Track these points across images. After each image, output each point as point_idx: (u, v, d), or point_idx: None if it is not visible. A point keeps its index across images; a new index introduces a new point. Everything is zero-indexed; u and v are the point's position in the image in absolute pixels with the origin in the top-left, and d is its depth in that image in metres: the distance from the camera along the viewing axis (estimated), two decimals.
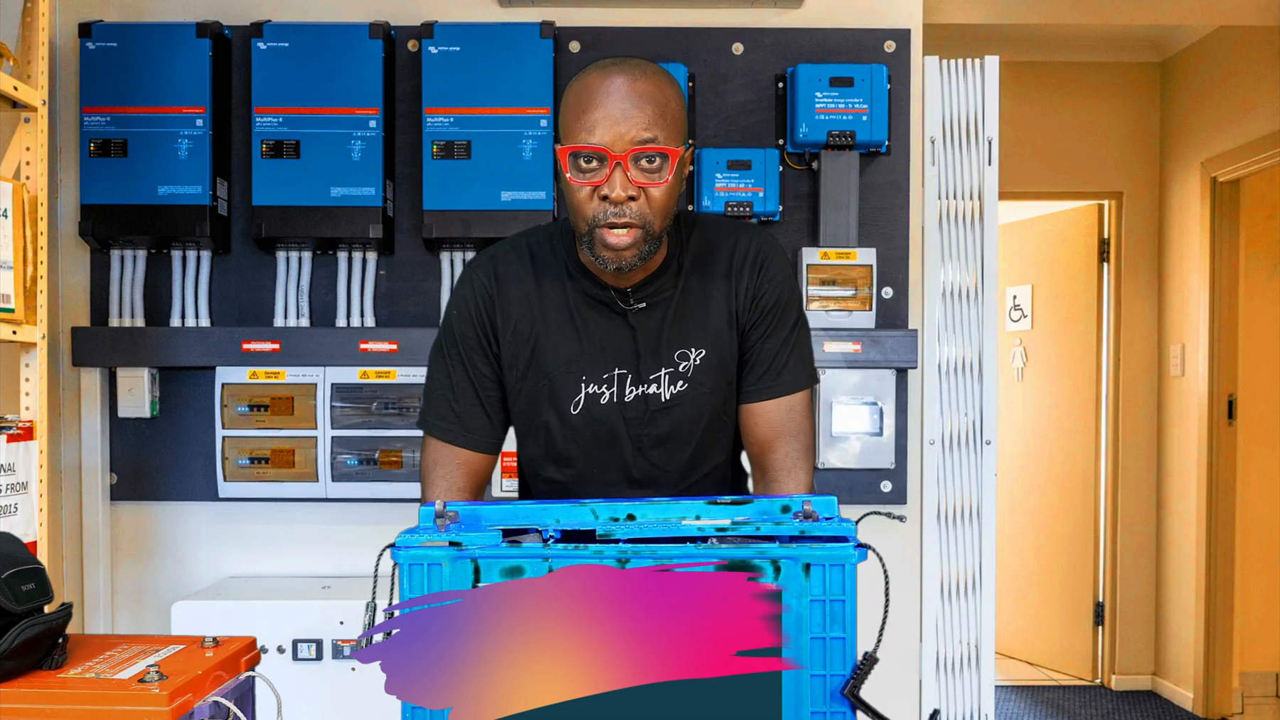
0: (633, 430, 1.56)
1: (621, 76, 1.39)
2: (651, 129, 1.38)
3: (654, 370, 1.54)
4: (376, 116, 2.62)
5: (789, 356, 1.57)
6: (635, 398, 1.54)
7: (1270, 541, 4.44)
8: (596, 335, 1.53)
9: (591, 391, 1.54)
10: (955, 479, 2.75)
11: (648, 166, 1.39)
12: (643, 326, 1.54)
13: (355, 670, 2.49)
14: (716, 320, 1.55)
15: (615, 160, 1.37)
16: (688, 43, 2.77)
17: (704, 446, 1.61)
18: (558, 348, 1.54)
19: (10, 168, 2.12)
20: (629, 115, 1.37)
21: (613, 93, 1.38)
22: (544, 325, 1.54)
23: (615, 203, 1.38)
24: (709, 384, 1.56)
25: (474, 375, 1.56)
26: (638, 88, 1.39)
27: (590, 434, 1.56)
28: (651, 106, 1.39)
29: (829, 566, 1.13)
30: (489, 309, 1.55)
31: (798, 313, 1.59)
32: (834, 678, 1.13)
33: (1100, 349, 4.79)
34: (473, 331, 1.55)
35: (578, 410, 1.55)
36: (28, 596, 1.42)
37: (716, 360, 1.56)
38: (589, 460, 1.58)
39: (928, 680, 2.74)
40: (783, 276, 1.57)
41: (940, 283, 2.76)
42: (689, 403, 1.55)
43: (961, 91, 2.74)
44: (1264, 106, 4.01)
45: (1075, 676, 4.90)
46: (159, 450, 2.78)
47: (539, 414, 1.57)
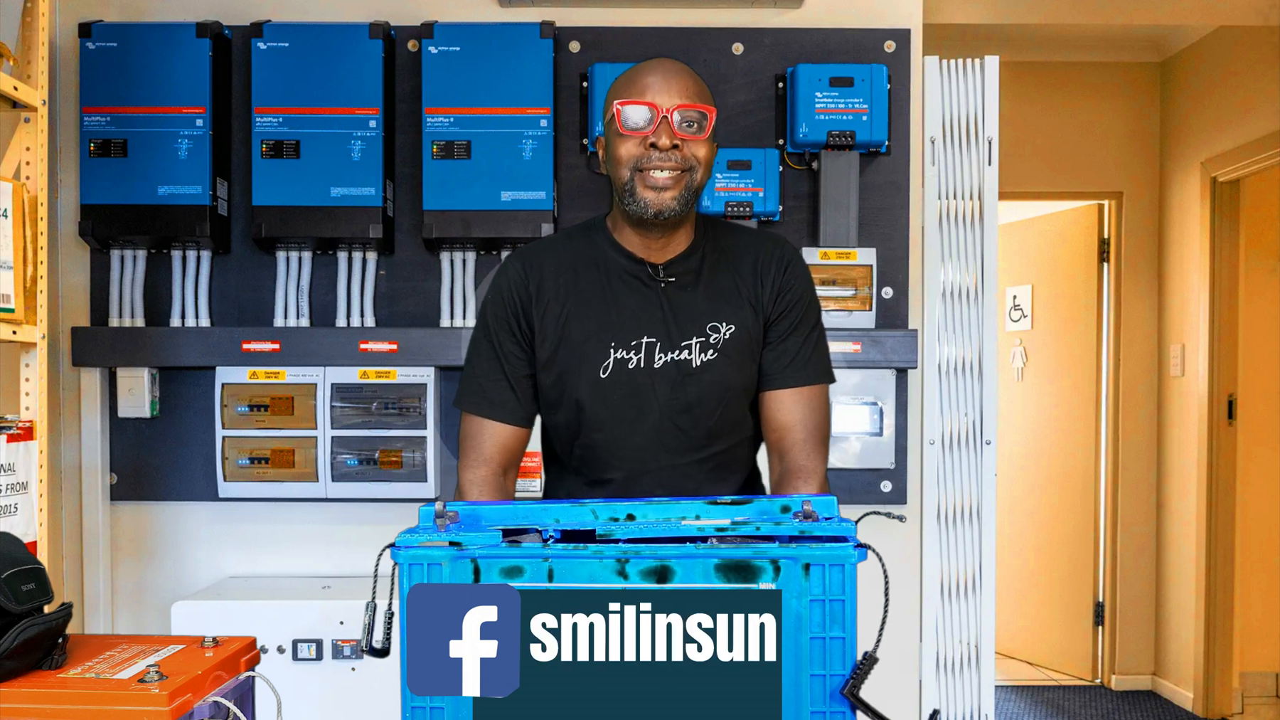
0: (661, 394, 1.66)
1: (661, 62, 1.64)
2: (691, 97, 1.60)
3: (685, 339, 1.66)
4: (376, 116, 2.62)
5: (811, 352, 1.70)
6: (665, 364, 1.66)
7: (1270, 541, 4.44)
8: (627, 305, 1.67)
9: (620, 357, 1.66)
10: (955, 479, 2.74)
11: (688, 126, 1.59)
12: (674, 299, 1.67)
13: (355, 670, 2.49)
14: (744, 307, 1.68)
15: (662, 114, 1.58)
16: (688, 43, 2.76)
17: (728, 417, 1.70)
18: (586, 319, 1.66)
19: (10, 168, 2.12)
20: (672, 83, 1.60)
21: (658, 67, 1.62)
22: (576, 300, 1.67)
23: (661, 149, 1.58)
24: (736, 358, 1.68)
25: (502, 354, 1.69)
26: (677, 66, 1.64)
27: (619, 397, 1.66)
28: (690, 79, 1.63)
29: (829, 566, 1.13)
30: (523, 294, 1.68)
31: (818, 316, 1.74)
32: (834, 678, 1.13)
33: (1100, 349, 4.79)
34: (504, 313, 1.68)
35: (607, 374, 1.66)
36: (28, 596, 1.42)
37: (744, 339, 1.68)
38: (618, 424, 1.67)
39: (928, 680, 2.74)
40: (807, 280, 1.73)
41: (940, 283, 2.76)
42: (717, 371, 1.67)
43: (961, 91, 2.74)
44: (1264, 106, 4.01)
45: (1075, 676, 4.90)
46: (159, 450, 2.78)
47: (569, 383, 1.67)
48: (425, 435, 2.66)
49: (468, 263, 2.74)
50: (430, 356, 2.64)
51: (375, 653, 1.23)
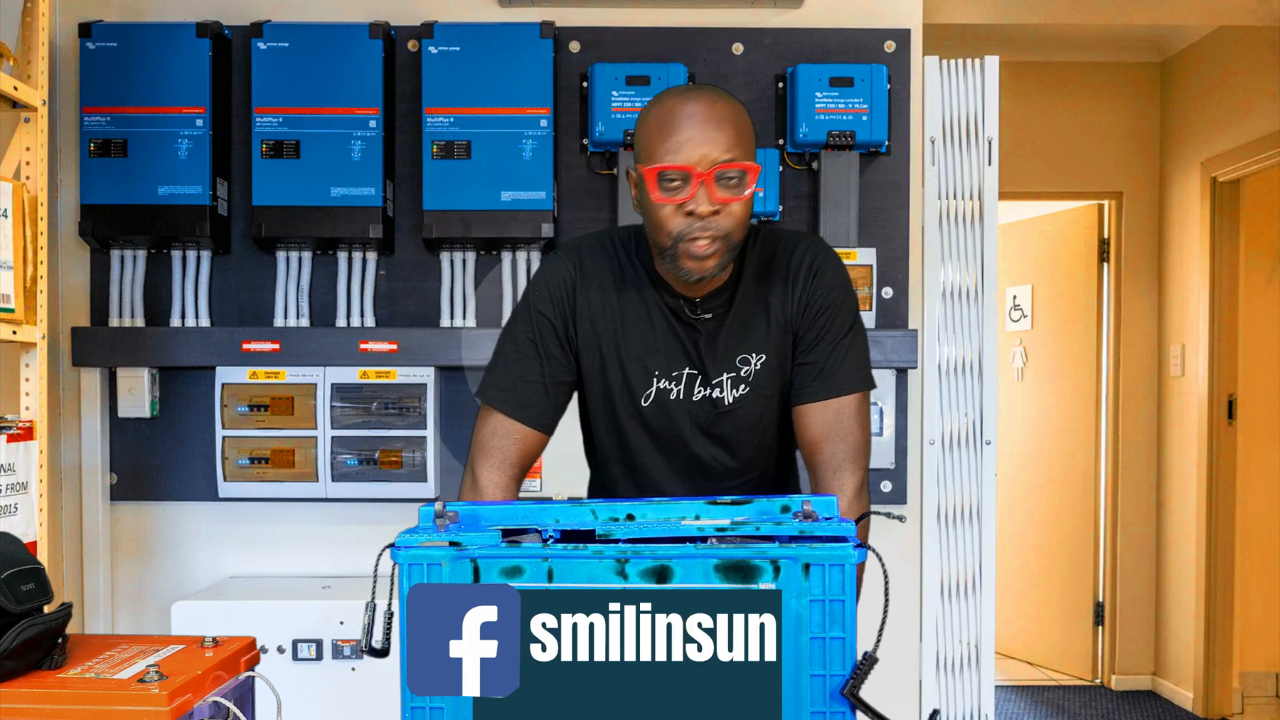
0: (697, 428, 1.65)
1: (699, 102, 1.49)
2: (732, 150, 1.47)
3: (717, 375, 1.63)
4: (376, 116, 2.62)
5: (842, 359, 1.62)
6: (701, 398, 1.63)
7: (1270, 541, 4.44)
8: (667, 336, 1.62)
9: (663, 387, 1.63)
10: (955, 479, 2.74)
11: (729, 183, 1.48)
12: (708, 333, 1.62)
13: (355, 670, 2.49)
14: (775, 326, 1.62)
15: (700, 179, 1.46)
16: (688, 43, 2.76)
17: (763, 447, 1.69)
18: (632, 343, 1.62)
19: (10, 168, 2.12)
20: (710, 137, 1.46)
21: (694, 115, 1.47)
22: (621, 320, 1.62)
23: (700, 217, 1.47)
24: (769, 388, 1.64)
25: (544, 354, 1.62)
26: (717, 109, 1.49)
27: (658, 426, 1.65)
28: (730, 128, 1.48)
29: (828, 566, 1.13)
30: (570, 295, 1.62)
31: (853, 319, 1.64)
32: (834, 678, 1.13)
33: (1100, 349, 4.79)
34: (552, 312, 1.62)
35: (648, 403, 1.64)
36: (28, 596, 1.42)
37: (776, 365, 1.63)
38: (656, 450, 1.67)
39: (928, 680, 2.74)
40: (837, 283, 1.63)
41: (940, 283, 2.76)
42: (749, 405, 1.64)
43: (961, 91, 2.74)
44: (1264, 106, 4.01)
45: (1075, 676, 4.90)
46: (159, 450, 2.78)
47: (612, 403, 1.65)
48: (425, 435, 2.66)
49: (468, 263, 2.74)
50: (430, 356, 2.64)
51: (375, 653, 1.23)
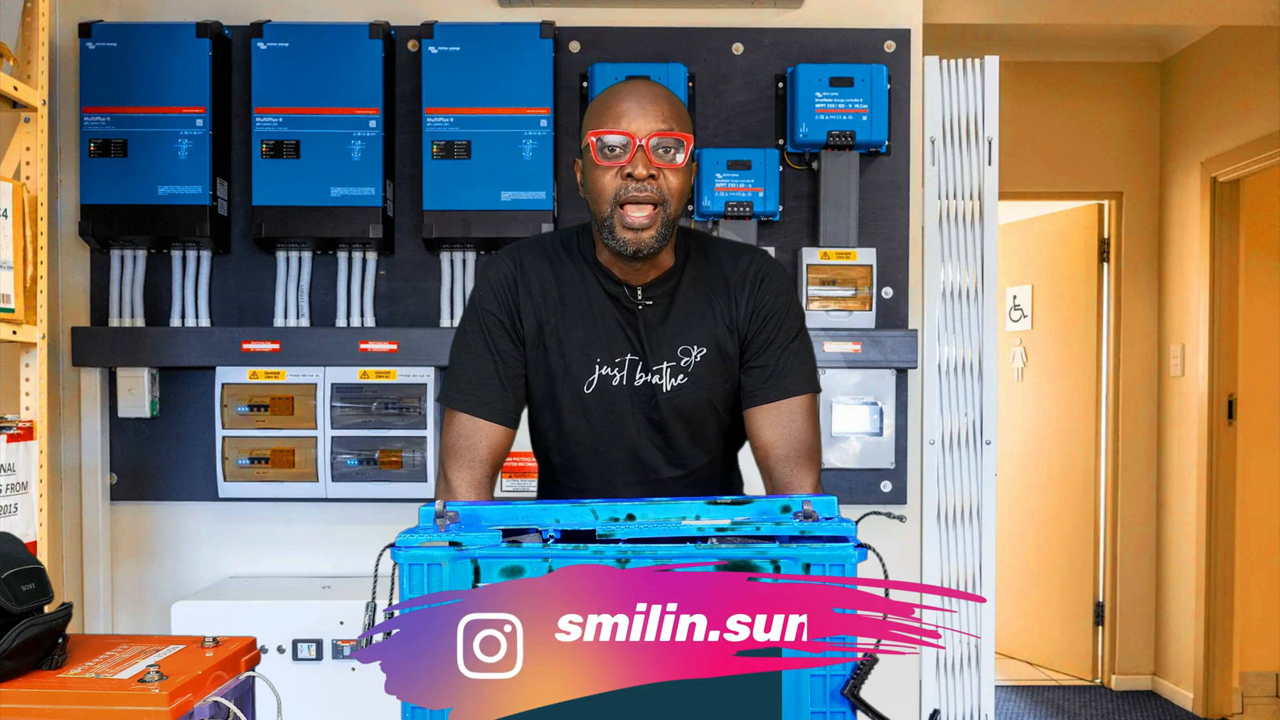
0: (636, 415, 1.68)
1: (637, 84, 1.64)
2: (668, 121, 1.58)
3: (658, 362, 1.67)
4: (376, 116, 2.62)
5: (791, 362, 1.67)
6: (642, 384, 1.67)
7: (1270, 541, 4.44)
8: (609, 323, 1.67)
9: (604, 373, 1.67)
10: (955, 479, 2.75)
11: (665, 152, 1.58)
12: (649, 321, 1.67)
13: (355, 670, 2.49)
14: (718, 326, 1.68)
15: (638, 143, 1.56)
16: (688, 43, 2.76)
17: (699, 439, 1.72)
18: (573, 331, 1.67)
19: (10, 168, 2.12)
20: (647, 110, 1.58)
21: (633, 93, 1.61)
22: (562, 310, 1.67)
23: (637, 179, 1.56)
24: (707, 380, 1.68)
25: (496, 350, 1.67)
26: (654, 89, 1.62)
27: (600, 413, 1.68)
28: (666, 103, 1.61)
29: (829, 566, 1.13)
30: (513, 290, 1.67)
31: (799, 326, 1.71)
32: (834, 678, 1.13)
33: (1100, 349, 4.79)
34: (498, 308, 1.67)
35: (590, 389, 1.67)
36: (28, 596, 1.42)
37: (717, 360, 1.68)
38: (596, 438, 1.69)
39: (928, 680, 2.74)
40: (783, 290, 1.70)
41: (940, 283, 2.76)
42: (687, 394, 1.67)
43: (961, 91, 2.74)
44: (1264, 106, 4.01)
45: (1075, 676, 4.90)
46: (159, 450, 2.78)
47: (554, 391, 1.69)
48: (425, 435, 2.66)
49: (468, 263, 2.74)
50: (430, 356, 2.64)
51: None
